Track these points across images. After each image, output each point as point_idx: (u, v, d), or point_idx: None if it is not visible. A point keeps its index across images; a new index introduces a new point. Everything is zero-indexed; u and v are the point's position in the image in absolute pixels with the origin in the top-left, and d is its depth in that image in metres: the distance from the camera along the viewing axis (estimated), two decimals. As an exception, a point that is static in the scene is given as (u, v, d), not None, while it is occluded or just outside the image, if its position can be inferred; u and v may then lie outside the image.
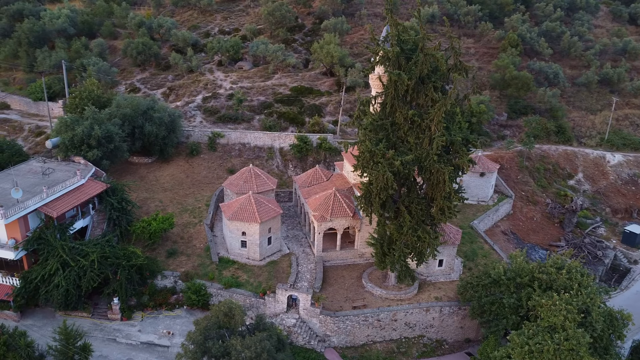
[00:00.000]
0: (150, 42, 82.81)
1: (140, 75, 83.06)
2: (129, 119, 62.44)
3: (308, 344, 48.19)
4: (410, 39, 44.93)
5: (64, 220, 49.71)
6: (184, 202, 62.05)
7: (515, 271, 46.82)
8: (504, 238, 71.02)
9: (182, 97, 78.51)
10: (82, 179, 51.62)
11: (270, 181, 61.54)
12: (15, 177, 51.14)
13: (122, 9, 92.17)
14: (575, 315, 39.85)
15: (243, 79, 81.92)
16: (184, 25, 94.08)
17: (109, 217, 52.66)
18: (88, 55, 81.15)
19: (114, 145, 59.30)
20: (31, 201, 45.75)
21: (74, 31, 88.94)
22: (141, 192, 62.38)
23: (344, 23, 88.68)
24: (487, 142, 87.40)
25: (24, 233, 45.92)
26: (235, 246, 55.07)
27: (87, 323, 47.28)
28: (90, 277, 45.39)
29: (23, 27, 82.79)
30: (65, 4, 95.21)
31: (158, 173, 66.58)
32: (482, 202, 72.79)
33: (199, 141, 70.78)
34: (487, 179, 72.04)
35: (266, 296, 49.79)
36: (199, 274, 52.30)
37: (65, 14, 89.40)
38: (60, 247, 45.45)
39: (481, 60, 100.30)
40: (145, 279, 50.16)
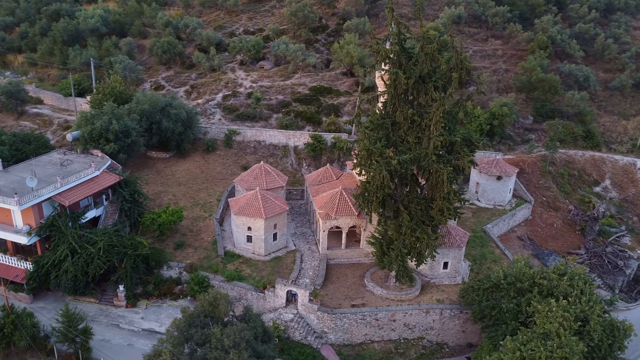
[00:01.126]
0: (175, 41, 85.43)
1: (165, 74, 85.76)
2: (147, 114, 64.69)
3: (305, 339, 48.63)
4: (411, 37, 44.22)
5: (78, 209, 52.11)
6: (197, 196, 63.71)
7: (515, 276, 45.84)
8: (520, 244, 69.37)
9: (203, 95, 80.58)
10: (96, 170, 53.90)
11: (280, 178, 62.38)
12: (35, 167, 54.01)
13: (152, 9, 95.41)
14: (571, 322, 38.77)
15: (263, 78, 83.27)
16: (210, 25, 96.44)
17: (120, 208, 54.77)
18: (117, 53, 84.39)
19: (131, 140, 61.59)
20: (45, 190, 48.20)
21: (106, 30, 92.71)
22: (156, 186, 64.50)
23: (366, 23, 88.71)
24: (510, 146, 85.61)
25: (37, 220, 48.42)
26: (241, 241, 56.13)
27: (93, 308, 49.41)
28: (97, 264, 47.39)
29: (58, 26, 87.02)
30: (99, 4, 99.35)
31: (174, 168, 68.62)
32: (499, 206, 71.33)
33: (215, 138, 72.51)
34: (504, 183, 70.54)
35: (266, 290, 50.61)
36: (204, 266, 53.65)
37: (98, 14, 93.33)
38: (70, 234, 47.67)
39: (508, 63, 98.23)
40: (151, 269, 51.87)
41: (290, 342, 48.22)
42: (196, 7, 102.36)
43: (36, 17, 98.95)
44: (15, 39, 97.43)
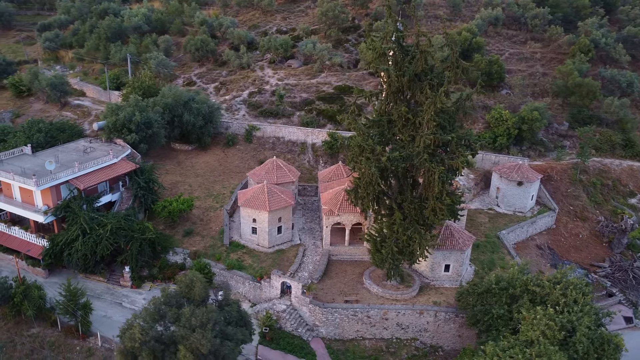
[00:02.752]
0: (208, 39, 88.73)
1: (198, 70, 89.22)
2: (170, 108, 67.80)
3: (296, 330, 49.50)
4: (404, 35, 44.10)
5: (95, 193, 55.62)
6: (212, 187, 66.07)
7: (508, 281, 44.66)
8: (538, 252, 67.02)
9: (231, 91, 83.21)
10: (114, 158, 57.26)
11: (292, 174, 63.57)
12: (61, 153, 58.15)
13: (192, 8, 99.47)
14: (555, 332, 37.48)
15: (290, 76, 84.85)
16: (245, 25, 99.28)
17: (135, 194, 57.86)
18: (154, 50, 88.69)
19: (152, 131, 64.80)
20: (63, 173, 51.85)
21: (148, 28, 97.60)
22: (175, 176, 67.47)
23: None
24: (541, 152, 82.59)
25: (55, 201, 52.16)
26: (247, 232, 57.77)
27: (101, 287, 52.59)
28: (104, 245, 50.46)
29: (103, 24, 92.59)
30: (144, 4, 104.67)
31: (195, 160, 71.42)
32: (519, 213, 69.23)
33: (236, 133, 74.78)
34: (525, 189, 68.38)
35: (262, 281, 51.92)
36: (208, 254, 55.70)
37: (142, 12, 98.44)
38: (82, 216, 51.02)
39: (547, 66, 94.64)
40: (157, 253, 54.46)
41: (281, 332, 49.24)
42: (234, 7, 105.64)
43: (87, 16, 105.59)
44: (68, 36, 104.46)
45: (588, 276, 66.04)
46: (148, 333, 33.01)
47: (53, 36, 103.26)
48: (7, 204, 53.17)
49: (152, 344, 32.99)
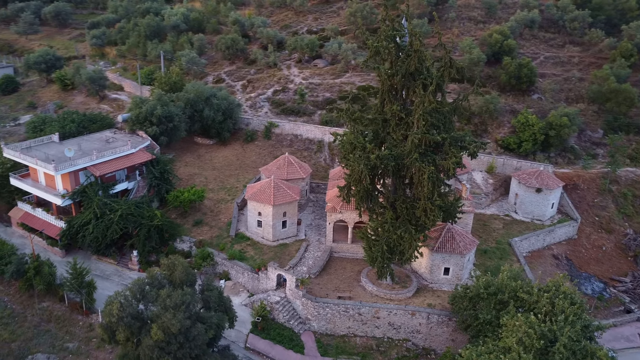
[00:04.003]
0: (238, 38, 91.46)
1: (228, 68, 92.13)
2: (191, 103, 70.65)
3: (288, 322, 50.53)
4: (399, 34, 44.15)
5: (113, 181, 59.00)
6: (226, 181, 68.29)
7: (498, 286, 43.74)
8: (553, 262, 64.75)
9: (256, 89, 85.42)
10: (132, 148, 60.47)
11: (302, 171, 64.71)
12: (85, 142, 62.07)
13: (227, 8, 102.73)
14: (533, 340, 36.50)
15: (315, 75, 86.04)
16: (277, 25, 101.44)
17: (149, 184, 60.86)
18: (189, 48, 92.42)
19: (173, 125, 67.81)
20: (81, 160, 55.43)
21: (186, 27, 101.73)
22: (193, 168, 70.24)
23: (424, 25, 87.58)
24: (570, 159, 79.60)
25: (73, 186, 55.80)
26: (253, 225, 59.42)
27: (111, 268, 55.77)
28: (113, 229, 53.53)
29: (143, 22, 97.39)
30: (184, 4, 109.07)
31: (214, 154, 74.00)
32: (537, 221, 67.20)
33: (256, 129, 76.77)
34: (544, 196, 66.30)
35: (260, 272, 53.33)
36: (213, 243, 57.78)
37: (181, 12, 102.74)
38: (96, 201, 54.34)
39: (585, 71, 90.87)
40: (165, 240, 57.07)
41: (273, 323, 50.43)
42: (268, 7, 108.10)
43: (132, 15, 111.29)
44: (114, 34, 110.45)
45: (606, 290, 63.19)
46: (125, 310, 35.07)
47: (100, 34, 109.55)
48: (33, 187, 57.36)
49: (128, 320, 35.04)
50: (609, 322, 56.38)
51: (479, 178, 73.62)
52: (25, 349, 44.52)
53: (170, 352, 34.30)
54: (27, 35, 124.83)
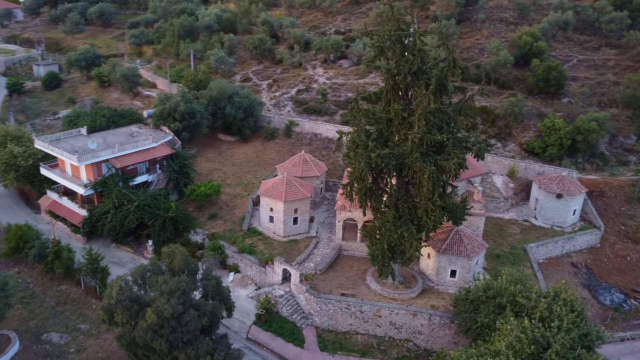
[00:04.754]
0: (266, 38, 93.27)
1: (255, 67, 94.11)
2: (214, 100, 72.80)
3: (290, 316, 51.47)
4: (405, 34, 44.22)
5: (134, 173, 61.70)
6: (244, 177, 69.98)
7: (497, 290, 43.17)
8: (571, 270, 62.92)
9: (281, 88, 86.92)
10: (153, 143, 63.02)
11: (317, 169, 65.56)
12: (110, 135, 65.15)
13: (259, 9, 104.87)
14: (524, 345, 35.95)
15: (339, 75, 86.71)
16: (306, 25, 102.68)
17: (168, 177, 63.26)
18: (218, 48, 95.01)
19: (195, 121, 70.11)
20: (103, 152, 58.31)
21: (218, 27, 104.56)
22: (213, 164, 72.36)
23: (451, 27, 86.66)
24: (599, 165, 76.90)
25: (96, 177, 58.76)
26: (265, 220, 60.75)
27: (128, 256, 58.33)
28: (130, 219, 56.05)
29: (176, 22, 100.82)
30: (218, 5, 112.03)
31: (235, 150, 75.92)
32: (557, 227, 65.51)
33: (277, 127, 78.20)
34: (565, 202, 64.58)
35: (267, 266, 54.52)
36: (225, 237, 59.46)
37: (214, 12, 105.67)
38: (115, 192, 57.04)
39: (620, 75, 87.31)
40: (180, 231, 59.19)
41: (277, 316, 51.49)
42: (298, 8, 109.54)
43: (169, 15, 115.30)
44: (151, 33, 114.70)
45: (626, 302, 60.83)
46: (124, 293, 36.94)
47: (138, 33, 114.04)
48: (60, 177, 60.75)
49: (126, 303, 36.90)
50: (625, 335, 54.73)
51: (499, 182, 72.30)
52: (41, 328, 47.37)
53: (163, 335, 35.88)
54: (73, 35, 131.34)
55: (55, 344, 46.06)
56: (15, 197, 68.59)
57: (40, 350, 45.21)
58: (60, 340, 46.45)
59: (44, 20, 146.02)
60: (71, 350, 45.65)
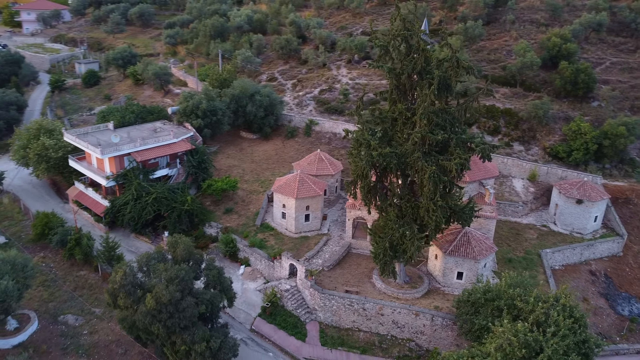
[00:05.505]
0: (292, 38, 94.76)
1: (282, 67, 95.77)
2: (236, 98, 74.78)
3: (295, 310, 52.48)
4: (408, 34, 44.41)
5: (155, 167, 64.31)
6: (262, 174, 71.55)
7: (496, 293, 42.77)
8: (589, 278, 61.22)
9: (305, 88, 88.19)
10: (174, 138, 65.46)
11: (332, 167, 66.35)
12: (135, 130, 68.07)
13: (288, 10, 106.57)
14: (515, 349, 35.64)
15: (362, 76, 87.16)
16: (334, 26, 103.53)
17: (187, 172, 65.53)
18: (247, 48, 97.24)
19: (216, 118, 72.26)
20: (125, 146, 61.09)
21: (249, 28, 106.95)
22: (233, 160, 74.31)
23: (477, 28, 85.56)
24: (627, 172, 74.31)
25: (118, 169, 61.61)
26: (278, 216, 62.05)
27: (145, 246, 60.74)
28: (148, 211, 58.51)
29: (208, 23, 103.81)
30: (249, 6, 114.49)
31: (255, 148, 77.65)
32: (577, 234, 63.92)
33: (297, 126, 79.45)
34: (585, 208, 62.94)
35: (275, 260, 55.75)
36: (238, 231, 61.10)
37: (245, 13, 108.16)
38: (135, 184, 59.66)
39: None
40: (195, 224, 61.25)
41: (281, 310, 52.63)
42: (327, 9, 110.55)
43: (203, 16, 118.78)
44: (186, 33, 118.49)
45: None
46: (127, 278, 38.92)
47: (174, 33, 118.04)
48: (85, 169, 64.02)
49: (128, 287, 38.87)
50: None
51: (519, 185, 70.99)
52: (59, 310, 50.23)
53: (161, 320, 37.60)
54: (114, 34, 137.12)
55: (70, 325, 48.77)
56: (47, 187, 72.66)
57: (56, 330, 48.00)
58: (75, 322, 49.16)
59: (88, 20, 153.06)
60: (84, 332, 48.23)
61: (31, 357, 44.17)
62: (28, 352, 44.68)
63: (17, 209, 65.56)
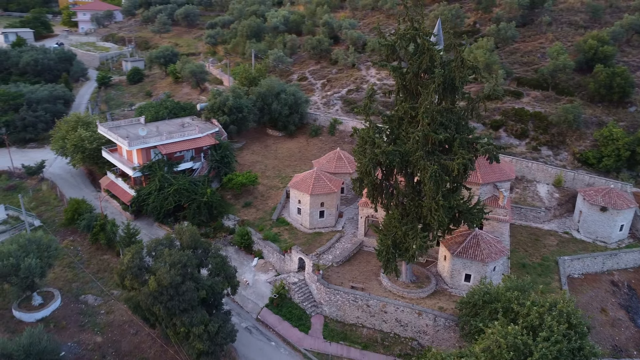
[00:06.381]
0: (324, 39, 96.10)
1: (313, 67, 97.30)
2: (262, 96, 76.91)
3: (301, 303, 53.71)
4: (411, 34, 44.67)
5: (181, 160, 67.31)
6: (283, 170, 73.27)
7: (495, 296, 42.37)
8: (609, 289, 59.08)
9: (334, 88, 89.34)
10: (199, 133, 68.24)
11: (351, 166, 67.04)
12: (165, 124, 71.36)
13: (323, 11, 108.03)
14: (502, 351, 35.39)
15: (390, 77, 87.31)
16: (368, 27, 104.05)
17: (210, 166, 68.13)
18: (281, 48, 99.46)
19: (242, 115, 74.63)
20: (152, 139, 64.31)
21: (284, 28, 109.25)
22: (257, 156, 76.45)
23: (510, 29, 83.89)
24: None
25: (145, 161, 64.93)
26: (294, 212, 63.52)
27: (166, 235, 63.79)
28: (169, 201, 61.39)
29: (244, 24, 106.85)
30: (286, 7, 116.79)
31: (280, 145, 79.51)
32: (601, 243, 61.91)
33: (322, 125, 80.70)
34: (610, 216, 60.90)
35: (286, 254, 57.21)
36: (254, 224, 63.00)
37: (282, 14, 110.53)
38: (158, 175, 62.73)
39: None
40: (214, 216, 63.64)
41: (288, 301, 54.00)
42: (361, 10, 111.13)
43: (242, 16, 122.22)
44: (226, 33, 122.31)
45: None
46: (134, 261, 41.40)
47: (214, 33, 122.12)
48: (117, 161, 67.82)
49: (135, 270, 41.33)
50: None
51: (543, 191, 69.27)
52: (81, 290, 53.74)
53: (162, 302, 39.77)
54: (160, 34, 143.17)
55: (90, 304, 52.11)
56: (83, 177, 77.34)
57: (76, 308, 51.43)
58: (94, 302, 52.46)
59: (138, 20, 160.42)
60: (101, 311, 51.41)
61: (51, 331, 47.58)
62: (49, 326, 48.17)
63: (54, 195, 70.28)
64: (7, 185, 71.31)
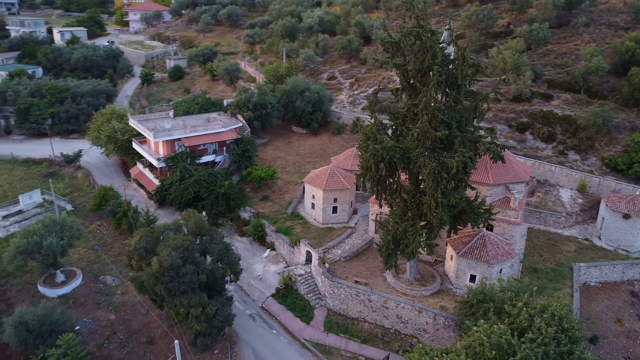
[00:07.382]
0: (354, 39, 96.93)
1: (343, 67, 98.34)
2: (287, 94, 78.77)
3: (306, 295, 54.95)
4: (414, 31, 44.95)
5: (202, 152, 70.14)
6: (303, 166, 74.77)
7: (489, 296, 42.07)
8: (628, 299, 56.94)
9: (361, 87, 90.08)
10: (222, 128, 70.84)
11: (367, 164, 67.78)
12: (192, 119, 74.52)
13: (357, 11, 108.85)
14: (485, 349, 35.32)
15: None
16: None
17: (232, 159, 70.56)
18: (314, 47, 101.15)
19: (266, 112, 76.76)
20: (176, 132, 67.41)
21: (319, 28, 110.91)
22: (279, 152, 78.35)
23: (542, 30, 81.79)
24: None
25: (169, 152, 68.12)
26: (308, 206, 64.88)
27: (186, 224, 66.62)
28: (189, 191, 64.21)
29: (279, 24, 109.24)
30: (323, 8, 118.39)
31: (303, 142, 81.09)
32: (623, 251, 59.80)
33: (345, 123, 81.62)
34: (633, 224, 58.71)
35: (296, 246, 58.64)
36: (269, 217, 64.82)
37: (317, 15, 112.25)
38: (180, 167, 65.69)
39: None
40: (231, 207, 65.97)
41: (294, 292, 55.39)
42: (395, 10, 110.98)
43: (280, 17, 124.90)
44: (264, 33, 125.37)
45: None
46: (140, 243, 44.00)
47: (253, 33, 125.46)
48: (144, 152, 71.47)
49: (141, 252, 43.90)
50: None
51: (566, 196, 67.34)
52: (101, 271, 57.25)
53: (163, 282, 42.09)
54: (204, 33, 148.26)
55: (108, 284, 55.47)
56: (116, 166, 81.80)
57: (95, 288, 54.91)
58: (112, 282, 55.77)
59: (184, 20, 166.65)
60: (118, 292, 54.63)
61: (70, 307, 51.13)
62: (68, 302, 51.76)
63: (88, 182, 74.84)
64: (46, 172, 76.56)
